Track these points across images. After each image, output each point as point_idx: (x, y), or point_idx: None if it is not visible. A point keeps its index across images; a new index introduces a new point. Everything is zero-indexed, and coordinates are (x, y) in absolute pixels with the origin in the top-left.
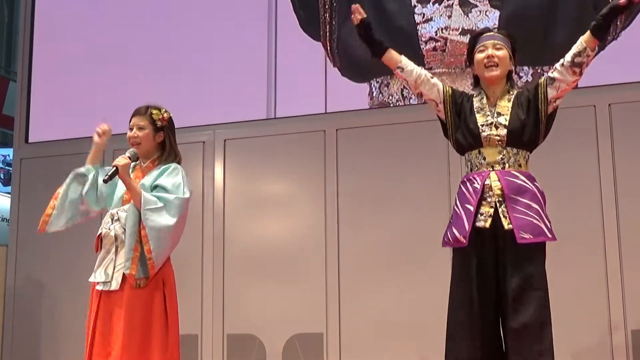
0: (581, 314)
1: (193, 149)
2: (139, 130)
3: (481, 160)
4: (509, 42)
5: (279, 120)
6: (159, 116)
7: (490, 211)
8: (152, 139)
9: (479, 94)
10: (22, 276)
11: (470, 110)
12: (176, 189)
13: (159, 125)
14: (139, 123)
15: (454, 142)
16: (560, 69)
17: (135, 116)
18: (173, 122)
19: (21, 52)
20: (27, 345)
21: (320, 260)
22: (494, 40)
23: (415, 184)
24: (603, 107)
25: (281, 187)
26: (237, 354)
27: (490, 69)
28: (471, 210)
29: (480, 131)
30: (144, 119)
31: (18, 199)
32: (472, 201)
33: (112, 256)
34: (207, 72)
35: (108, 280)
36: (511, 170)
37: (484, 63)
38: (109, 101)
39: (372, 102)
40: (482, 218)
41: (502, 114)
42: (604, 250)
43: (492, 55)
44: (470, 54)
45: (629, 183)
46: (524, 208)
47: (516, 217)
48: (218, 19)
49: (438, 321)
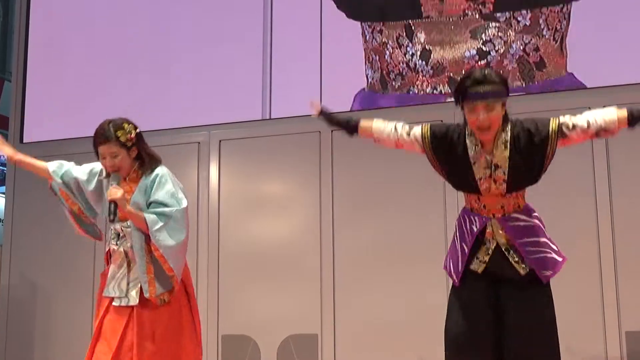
0: (576, 315)
1: (188, 149)
2: (114, 158)
3: (481, 206)
4: (502, 92)
5: (274, 121)
6: (126, 136)
7: (486, 259)
8: (128, 158)
9: (471, 137)
10: (16, 276)
11: (463, 155)
12: (173, 199)
13: (129, 145)
14: (110, 150)
15: (449, 181)
16: (579, 131)
17: (103, 144)
18: (140, 132)
19: (16, 52)
20: (21, 345)
21: (315, 261)
22: (485, 102)
23: (411, 185)
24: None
25: (276, 187)
26: (231, 355)
27: (483, 132)
28: (465, 253)
29: (479, 184)
30: (113, 145)
31: (12, 199)
32: (468, 242)
33: (125, 271)
34: (203, 73)
35: (123, 295)
36: (512, 213)
37: (475, 125)
38: (103, 101)
39: (365, 46)
40: (477, 262)
41: (500, 165)
42: (598, 252)
43: (484, 119)
44: (457, 99)
45: (623, 185)
46: (534, 247)
47: (532, 259)
48: (213, 19)
49: (432, 323)
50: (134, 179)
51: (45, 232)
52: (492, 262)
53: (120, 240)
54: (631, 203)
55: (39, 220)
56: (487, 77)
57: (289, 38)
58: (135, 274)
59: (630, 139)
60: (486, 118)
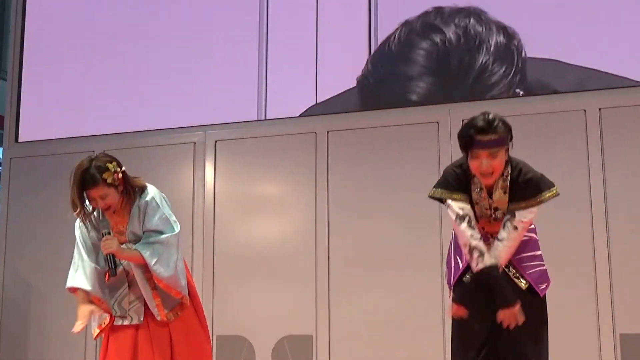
0: (570, 317)
1: (184, 149)
2: (105, 200)
3: (480, 228)
4: (505, 139)
5: (269, 122)
6: (112, 177)
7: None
8: (117, 195)
9: (474, 179)
10: (10, 276)
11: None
12: (165, 224)
13: (117, 184)
14: (99, 193)
15: None
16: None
17: (91, 189)
18: (122, 166)
19: (12, 51)
20: (15, 344)
21: (310, 261)
22: (489, 150)
23: (407, 186)
24: (593, 112)
25: (272, 188)
26: (226, 356)
27: (485, 177)
28: (460, 267)
29: (479, 219)
30: (102, 188)
31: (8, 199)
32: (463, 257)
33: (125, 290)
34: (198, 73)
35: (124, 315)
36: None
37: (478, 171)
38: (99, 100)
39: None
40: (470, 275)
41: (500, 208)
42: (592, 253)
43: (487, 167)
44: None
45: (618, 187)
46: (531, 262)
47: (530, 274)
48: (209, 19)
49: (427, 323)
50: (125, 209)
51: (40, 231)
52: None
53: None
54: (626, 204)
55: (33, 220)
56: (491, 125)
57: (284, 39)
58: (137, 294)
59: (626, 140)
60: (489, 165)
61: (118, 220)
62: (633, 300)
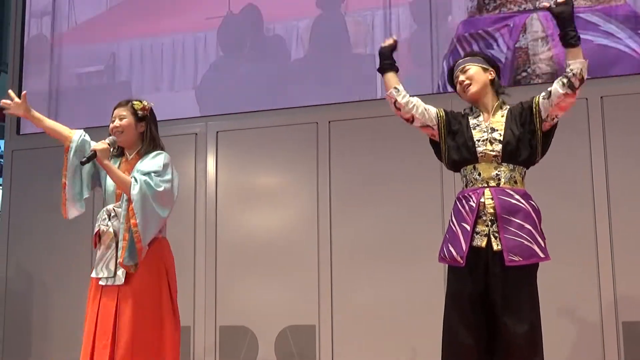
0: (573, 306)
1: (185, 140)
2: (121, 120)
3: (476, 176)
4: (478, 59)
5: (271, 112)
6: (140, 106)
7: (486, 230)
8: (134, 129)
9: (474, 112)
10: (13, 268)
11: (466, 127)
12: (158, 168)
13: (140, 115)
14: (120, 114)
15: (448, 161)
16: (555, 93)
17: (117, 108)
18: (154, 114)
19: (12, 44)
20: (18, 337)
21: (313, 252)
22: (462, 66)
23: (409, 177)
24: (595, 100)
25: (273, 179)
26: (229, 346)
27: (467, 89)
28: (468, 230)
29: (476, 146)
30: (126, 109)
31: (9, 191)
32: (468, 220)
33: (113, 252)
34: (200, 64)
35: (111, 275)
36: (506, 187)
37: (461, 89)
38: (100, 92)
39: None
40: (478, 237)
41: (496, 129)
42: (595, 241)
43: (463, 79)
44: (450, 82)
45: (621, 176)
46: (515, 229)
47: (507, 239)
48: (211, 10)
49: (430, 314)
50: (135, 160)
51: (43, 224)
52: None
53: (111, 220)
54: (629, 193)
55: (36, 212)
56: (466, 55)
57: (286, 29)
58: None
59: (628, 128)
60: (465, 78)
61: (127, 168)
62: (636, 289)
